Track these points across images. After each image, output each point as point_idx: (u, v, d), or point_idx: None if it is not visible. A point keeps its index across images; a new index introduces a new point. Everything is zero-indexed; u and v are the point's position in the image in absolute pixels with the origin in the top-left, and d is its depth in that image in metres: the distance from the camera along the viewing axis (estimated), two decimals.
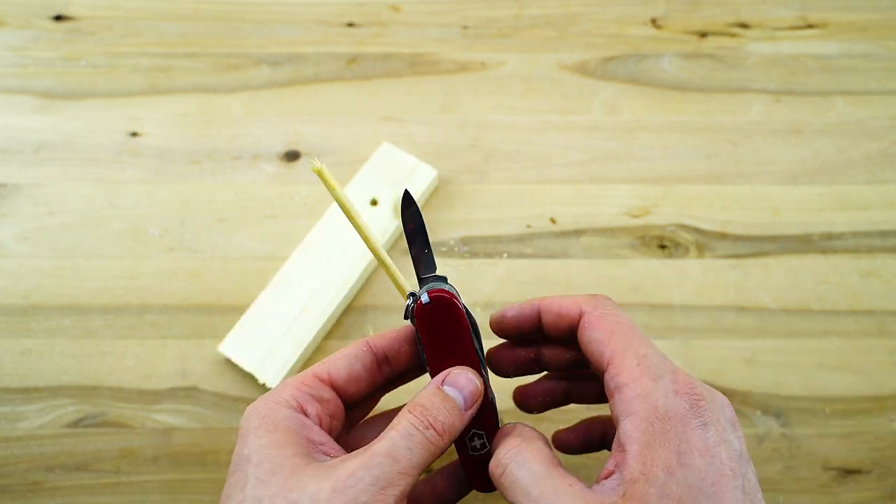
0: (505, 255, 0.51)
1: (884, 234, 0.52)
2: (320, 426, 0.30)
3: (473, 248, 0.51)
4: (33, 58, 0.59)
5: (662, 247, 0.51)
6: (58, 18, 0.61)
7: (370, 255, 0.49)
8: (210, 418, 0.45)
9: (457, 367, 0.31)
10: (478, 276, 0.50)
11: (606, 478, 0.27)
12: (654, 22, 0.62)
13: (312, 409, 0.30)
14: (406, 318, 0.31)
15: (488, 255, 0.51)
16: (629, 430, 0.28)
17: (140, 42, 0.60)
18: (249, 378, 0.46)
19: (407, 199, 0.32)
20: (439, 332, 0.31)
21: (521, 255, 0.51)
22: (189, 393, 0.46)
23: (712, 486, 0.27)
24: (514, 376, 0.36)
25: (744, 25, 0.62)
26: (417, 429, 0.28)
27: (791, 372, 0.47)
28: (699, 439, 0.27)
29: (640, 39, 0.61)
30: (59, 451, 0.44)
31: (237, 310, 0.48)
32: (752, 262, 0.51)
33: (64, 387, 0.46)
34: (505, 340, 0.36)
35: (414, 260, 0.33)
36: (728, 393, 0.46)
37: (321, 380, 0.31)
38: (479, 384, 0.31)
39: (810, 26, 0.62)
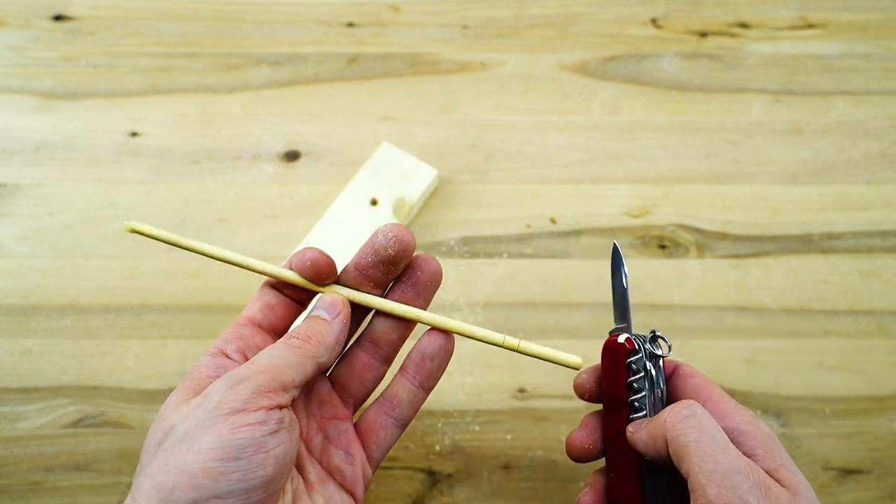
0: (505, 255, 0.51)
1: (884, 234, 0.52)
2: (245, 358, 0.30)
3: (473, 248, 0.51)
4: (33, 58, 0.59)
5: (662, 247, 0.51)
6: (58, 18, 0.61)
7: None
8: None
9: (325, 293, 0.32)
10: (478, 276, 0.50)
11: None
12: (654, 22, 0.62)
13: (232, 347, 0.30)
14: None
15: (488, 255, 0.51)
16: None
17: (140, 42, 0.60)
18: None
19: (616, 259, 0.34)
20: (609, 370, 0.32)
21: (521, 255, 0.51)
22: None
23: None
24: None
25: (744, 25, 0.62)
26: (283, 341, 0.29)
27: (791, 372, 0.47)
28: None
29: (640, 39, 0.61)
30: (59, 451, 0.44)
31: (237, 310, 0.48)
32: (752, 262, 0.51)
33: (64, 387, 0.46)
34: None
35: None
36: (728, 393, 0.46)
37: (239, 324, 0.32)
38: (340, 299, 0.31)
39: (810, 26, 0.62)
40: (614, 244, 0.34)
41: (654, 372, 0.32)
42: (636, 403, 0.32)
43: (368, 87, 0.58)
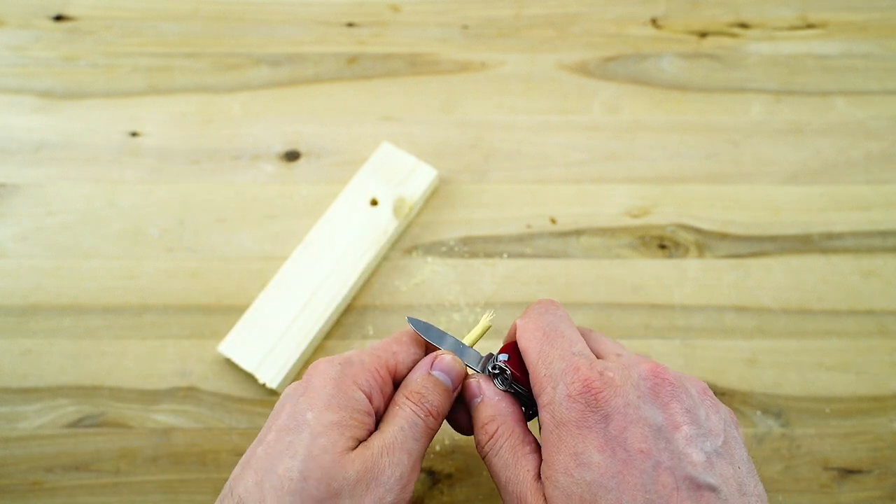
0: (505, 255, 0.51)
1: (884, 234, 0.52)
2: (374, 416, 0.32)
3: (473, 248, 0.51)
4: (33, 58, 0.59)
5: (662, 247, 0.51)
6: (58, 18, 0.61)
7: (370, 255, 0.49)
8: (210, 418, 0.45)
9: (441, 351, 0.34)
10: (478, 276, 0.50)
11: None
12: (654, 22, 0.62)
13: (376, 402, 0.32)
14: (503, 383, 0.34)
15: (488, 255, 0.51)
16: (541, 438, 0.31)
17: (140, 42, 0.60)
18: (249, 378, 0.46)
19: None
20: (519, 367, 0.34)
21: (521, 255, 0.51)
22: (189, 393, 0.46)
23: (614, 477, 0.27)
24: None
25: (744, 25, 0.62)
26: (420, 417, 0.31)
27: (791, 372, 0.47)
28: (597, 435, 0.28)
29: (640, 39, 0.61)
30: (59, 451, 0.44)
31: (237, 310, 0.48)
32: (752, 262, 0.51)
33: (64, 387, 0.46)
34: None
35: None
36: (728, 393, 0.46)
37: (390, 373, 0.33)
38: (462, 366, 0.34)
39: (810, 26, 0.62)
40: (408, 320, 0.36)
41: (505, 376, 0.34)
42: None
43: (368, 87, 0.58)
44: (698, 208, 0.53)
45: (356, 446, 0.30)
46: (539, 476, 0.30)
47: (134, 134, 0.56)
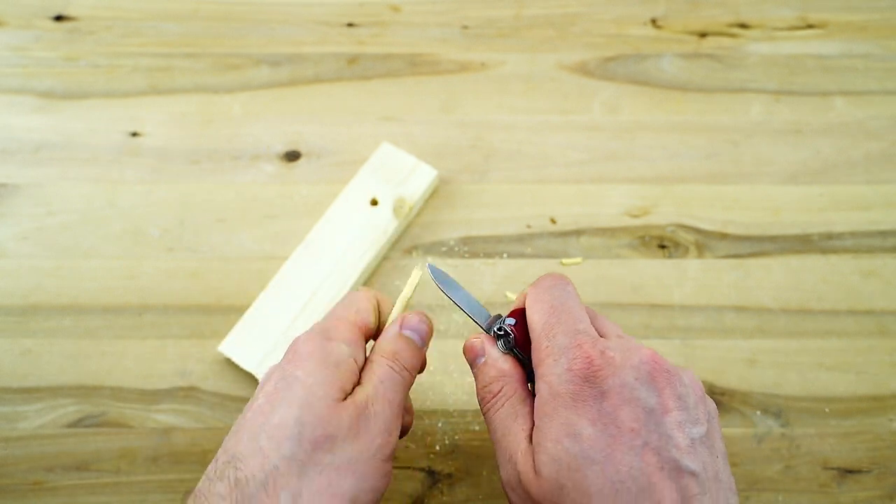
0: (505, 256, 0.51)
1: (884, 234, 0.52)
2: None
3: (473, 248, 0.51)
4: (33, 58, 0.59)
5: (662, 247, 0.51)
6: (58, 18, 0.61)
7: (370, 255, 0.49)
8: (210, 418, 0.45)
9: (410, 312, 0.36)
10: (478, 276, 0.50)
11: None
12: (654, 22, 0.62)
13: (359, 358, 0.34)
14: (506, 346, 0.35)
15: (488, 255, 0.51)
16: (535, 405, 0.32)
17: (140, 42, 0.60)
18: (249, 378, 0.46)
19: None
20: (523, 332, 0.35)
21: (521, 255, 0.51)
22: (189, 393, 0.46)
23: (602, 450, 0.29)
24: None
25: (744, 25, 0.62)
26: (395, 371, 0.33)
27: (791, 372, 0.47)
28: (591, 410, 0.30)
29: (640, 39, 0.61)
30: (59, 451, 0.44)
31: (237, 310, 0.48)
32: (752, 262, 0.51)
33: (64, 387, 0.46)
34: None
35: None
36: (728, 393, 0.46)
37: (364, 336, 0.35)
38: (430, 324, 0.37)
39: (810, 26, 0.62)
40: (428, 266, 0.37)
41: (507, 337, 0.35)
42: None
43: (368, 87, 0.58)
44: (698, 208, 0.53)
45: (345, 398, 0.31)
46: (531, 437, 0.32)
47: (134, 134, 0.56)
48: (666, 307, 0.49)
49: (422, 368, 0.37)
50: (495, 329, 0.35)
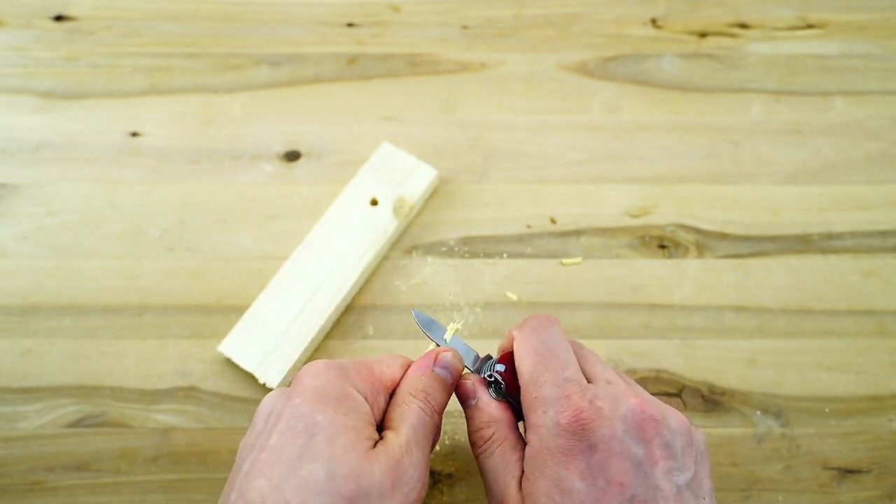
0: (505, 256, 0.51)
1: (884, 234, 0.52)
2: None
3: (473, 248, 0.51)
4: (33, 58, 0.59)
5: (662, 247, 0.51)
6: (58, 18, 0.61)
7: (370, 255, 0.49)
8: (210, 418, 0.45)
9: (444, 348, 0.35)
10: (478, 276, 0.50)
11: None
12: (654, 22, 0.62)
13: (376, 410, 0.32)
14: (497, 392, 0.35)
15: (488, 255, 0.51)
16: (525, 456, 0.32)
17: (140, 42, 0.60)
18: (249, 378, 0.46)
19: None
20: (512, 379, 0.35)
21: (521, 255, 0.51)
22: (189, 393, 0.46)
23: None
24: None
25: (744, 25, 0.62)
26: (427, 414, 0.32)
27: (791, 372, 0.47)
28: (581, 464, 0.30)
29: (640, 39, 0.61)
30: (59, 451, 0.44)
31: (237, 310, 0.48)
32: (752, 262, 0.51)
33: (64, 387, 0.46)
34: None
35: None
36: (728, 393, 0.46)
37: (385, 387, 0.34)
38: (461, 364, 0.35)
39: (810, 26, 0.62)
40: (413, 312, 0.37)
41: (498, 384, 0.35)
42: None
43: (368, 87, 0.58)
44: (698, 208, 0.53)
45: (374, 445, 0.30)
46: (521, 484, 0.32)
47: (134, 134, 0.56)
48: (666, 307, 0.49)
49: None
50: (485, 375, 0.35)
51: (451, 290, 0.50)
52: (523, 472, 0.32)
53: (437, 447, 0.44)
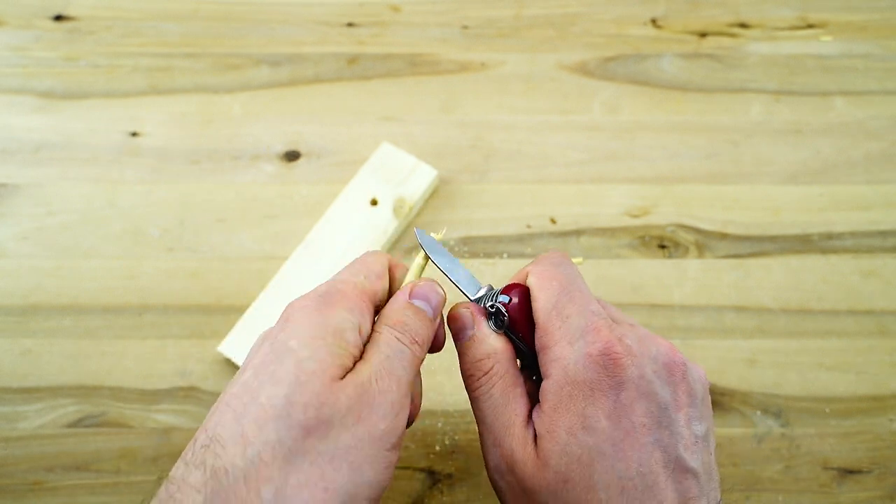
0: (505, 256, 0.51)
1: (884, 234, 0.52)
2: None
3: (473, 248, 0.51)
4: (33, 58, 0.59)
5: (662, 247, 0.51)
6: (58, 18, 0.61)
7: None
8: None
9: (420, 280, 0.33)
10: (478, 276, 0.50)
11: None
12: (654, 22, 0.62)
13: (365, 328, 0.30)
14: (498, 325, 0.33)
15: (488, 255, 0.51)
16: (544, 390, 0.30)
17: (140, 42, 0.60)
18: None
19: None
20: (524, 316, 0.32)
21: (521, 255, 0.51)
22: (189, 393, 0.46)
23: (614, 445, 0.28)
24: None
25: (744, 25, 0.62)
26: (404, 344, 0.29)
27: (791, 372, 0.47)
28: (609, 401, 0.28)
29: (640, 39, 0.61)
30: (59, 451, 0.44)
31: (237, 310, 0.48)
32: (752, 262, 0.51)
33: (64, 387, 0.46)
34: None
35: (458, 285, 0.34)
36: (728, 393, 0.46)
37: (371, 300, 0.31)
38: (443, 293, 0.32)
39: (810, 26, 0.62)
40: (416, 231, 0.34)
41: (500, 316, 0.33)
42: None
43: (368, 87, 0.58)
44: (698, 208, 0.53)
45: (344, 375, 0.27)
46: (527, 421, 0.30)
47: (134, 134, 0.56)
48: (666, 307, 0.49)
49: (437, 347, 0.33)
50: (487, 305, 0.32)
51: (451, 289, 0.50)
52: (529, 409, 0.30)
53: (437, 447, 0.44)
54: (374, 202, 0.51)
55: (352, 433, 0.26)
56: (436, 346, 0.33)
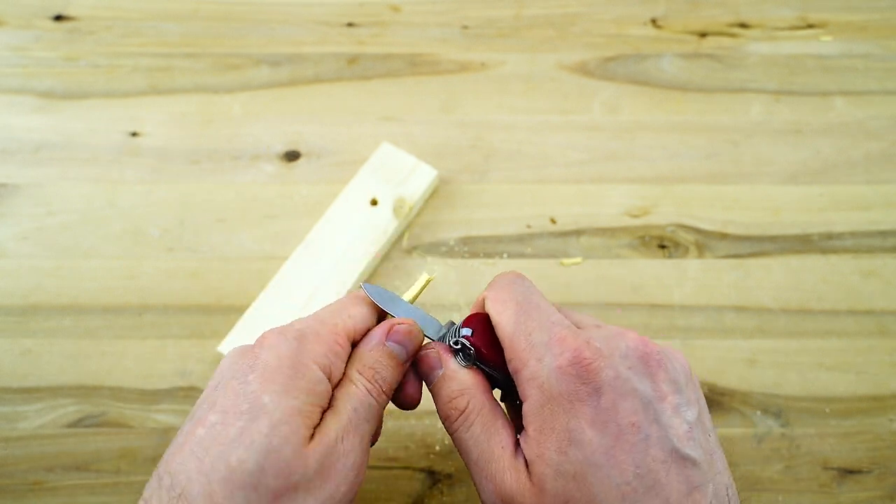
0: (505, 255, 0.51)
1: (884, 234, 0.52)
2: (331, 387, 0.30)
3: (473, 248, 0.51)
4: (33, 58, 0.59)
5: (662, 247, 0.51)
6: (58, 18, 0.61)
7: (370, 255, 0.49)
8: None
9: (399, 318, 0.32)
10: (478, 276, 0.50)
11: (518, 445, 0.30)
12: (654, 22, 0.62)
13: (335, 376, 0.30)
14: (466, 359, 0.32)
15: (488, 255, 0.51)
16: (526, 413, 0.29)
17: (140, 42, 0.60)
18: None
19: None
20: (487, 342, 0.32)
21: (521, 255, 0.51)
22: (189, 393, 0.46)
23: (605, 453, 0.27)
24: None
25: (744, 25, 0.62)
26: (372, 396, 0.29)
27: (791, 372, 0.47)
28: (589, 409, 0.28)
29: (640, 39, 0.61)
30: (59, 451, 0.44)
31: (237, 310, 0.48)
32: (752, 262, 0.51)
33: (64, 387, 0.46)
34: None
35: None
36: (728, 393, 0.46)
37: (349, 339, 0.31)
38: (420, 336, 0.32)
39: (810, 26, 0.62)
40: (363, 287, 0.33)
41: (466, 350, 0.33)
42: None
43: (368, 87, 0.58)
44: (698, 208, 0.53)
45: (313, 433, 0.28)
46: (515, 451, 0.30)
47: (134, 134, 0.56)
48: (666, 307, 0.49)
49: (412, 404, 0.33)
50: (450, 343, 0.32)
51: (451, 290, 0.50)
52: (512, 434, 0.30)
53: (437, 447, 0.44)
54: (374, 202, 0.51)
55: (314, 497, 0.26)
56: (410, 403, 0.33)
